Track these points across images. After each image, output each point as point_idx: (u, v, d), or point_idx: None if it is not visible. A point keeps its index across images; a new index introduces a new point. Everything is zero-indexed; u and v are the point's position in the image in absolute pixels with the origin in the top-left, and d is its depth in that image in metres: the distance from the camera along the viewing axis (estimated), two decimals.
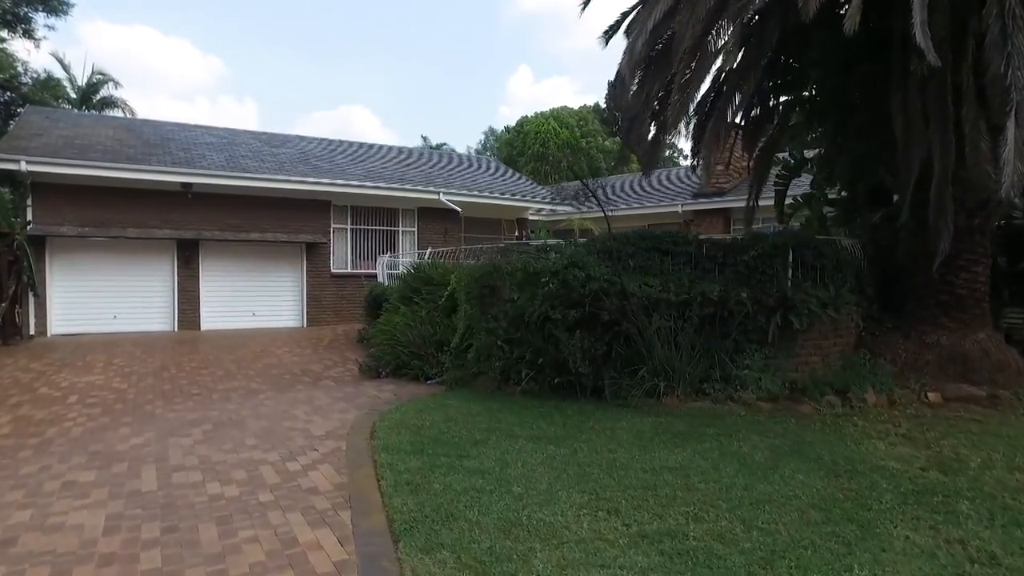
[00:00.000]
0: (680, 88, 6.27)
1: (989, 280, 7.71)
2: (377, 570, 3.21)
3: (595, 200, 7.08)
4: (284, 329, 14.30)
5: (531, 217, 20.02)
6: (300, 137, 18.47)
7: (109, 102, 24.02)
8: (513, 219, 19.30)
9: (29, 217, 12.17)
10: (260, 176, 13.77)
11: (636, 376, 6.59)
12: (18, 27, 16.90)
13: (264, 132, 18.10)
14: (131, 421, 6.26)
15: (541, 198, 18.53)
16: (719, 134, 6.68)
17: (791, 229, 9.12)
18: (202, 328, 13.78)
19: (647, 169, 9.54)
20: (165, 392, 7.68)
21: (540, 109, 35.19)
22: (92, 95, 23.86)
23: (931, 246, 6.54)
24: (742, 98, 6.67)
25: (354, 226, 15.78)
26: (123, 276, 13.27)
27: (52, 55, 23.21)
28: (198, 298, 13.82)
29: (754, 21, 6.83)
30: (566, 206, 19.66)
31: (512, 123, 40.07)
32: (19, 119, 14.55)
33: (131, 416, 6.49)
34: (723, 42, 6.08)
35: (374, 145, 19.65)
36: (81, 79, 24.16)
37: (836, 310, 7.15)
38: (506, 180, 19.47)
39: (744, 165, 20.10)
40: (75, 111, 19.79)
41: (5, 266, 11.48)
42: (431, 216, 16.58)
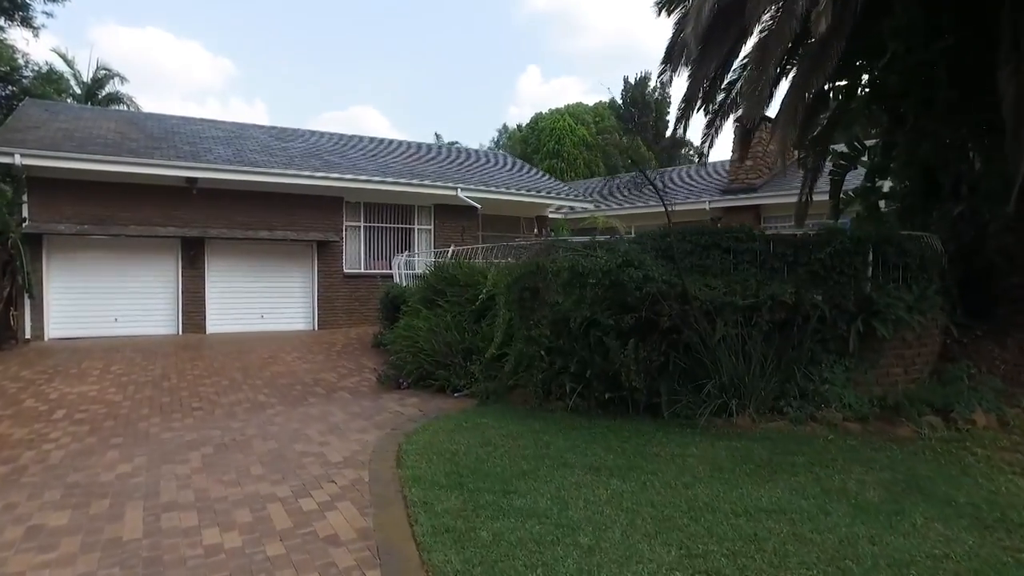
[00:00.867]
0: (757, 59, 5.40)
1: None
2: None
3: (653, 189, 6.16)
4: (294, 332, 13.53)
5: (550, 215, 19.19)
6: (311, 132, 17.70)
7: (115, 98, 23.39)
8: (532, 217, 18.47)
9: (25, 214, 11.44)
10: (269, 171, 13.01)
11: (700, 391, 5.72)
12: (15, 15, 16.18)
13: (273, 126, 17.36)
14: (121, 442, 5.46)
15: (562, 194, 17.70)
16: (796, 111, 5.82)
17: (864, 225, 8.19)
18: (207, 331, 13.02)
19: (703, 157, 8.67)
20: (163, 406, 6.90)
21: (550, 108, 34.35)
22: (97, 91, 23.24)
23: None
24: (821, 72, 5.80)
25: (368, 224, 14.99)
26: (124, 276, 12.53)
27: (55, 51, 22.49)
28: (203, 300, 13.06)
29: None
30: (586, 203, 18.88)
31: (520, 122, 39.36)
32: (16, 111, 13.85)
33: (122, 436, 5.69)
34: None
35: (387, 140, 18.86)
36: (86, 75, 23.59)
37: (922, 314, 6.26)
38: (525, 176, 18.64)
39: (773, 161, 19.29)
40: (77, 104, 19.14)
41: None
42: (448, 213, 15.76)
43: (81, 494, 4.22)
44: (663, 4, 7.20)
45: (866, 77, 8.60)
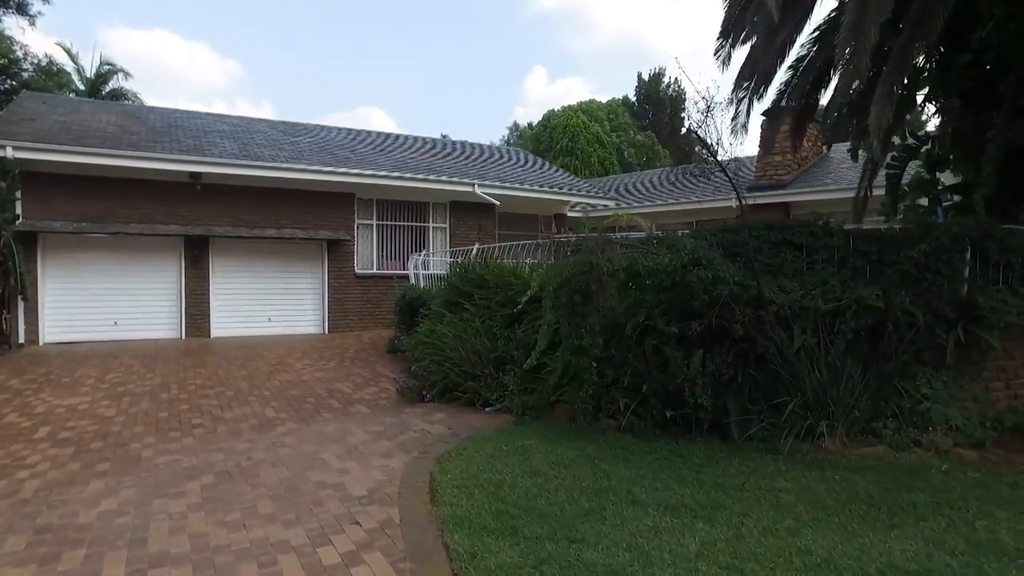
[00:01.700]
0: (856, 18, 4.59)
1: None
2: None
3: (726, 176, 5.38)
4: (303, 336, 12.78)
5: (569, 214, 18.39)
6: (320, 126, 16.98)
7: (118, 94, 22.74)
8: (550, 215, 17.67)
9: (18, 211, 10.73)
10: (277, 165, 12.27)
11: (777, 410, 4.93)
12: (10, 2, 15.46)
13: (280, 121, 16.65)
14: (108, 469, 4.71)
15: (583, 191, 16.93)
16: (892, 90, 5.02)
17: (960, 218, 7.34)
18: (212, 335, 12.29)
19: (797, 145, 7.90)
20: (160, 422, 6.15)
21: (562, 105, 33.49)
22: (101, 87, 22.61)
23: None
24: (926, 37, 5.01)
25: (380, 222, 14.23)
26: (124, 277, 11.82)
27: (59, 44, 21.93)
28: (208, 302, 12.33)
29: None
30: (608, 200, 18.08)
31: (530, 121, 38.52)
32: (12, 103, 13.18)
33: (110, 460, 4.94)
34: None
35: (400, 135, 18.10)
36: (90, 71, 22.98)
37: None
38: (543, 173, 17.87)
39: (803, 156, 18.45)
40: (76, 97, 18.48)
41: None
42: (464, 211, 14.99)
43: (52, 541, 3.46)
44: None
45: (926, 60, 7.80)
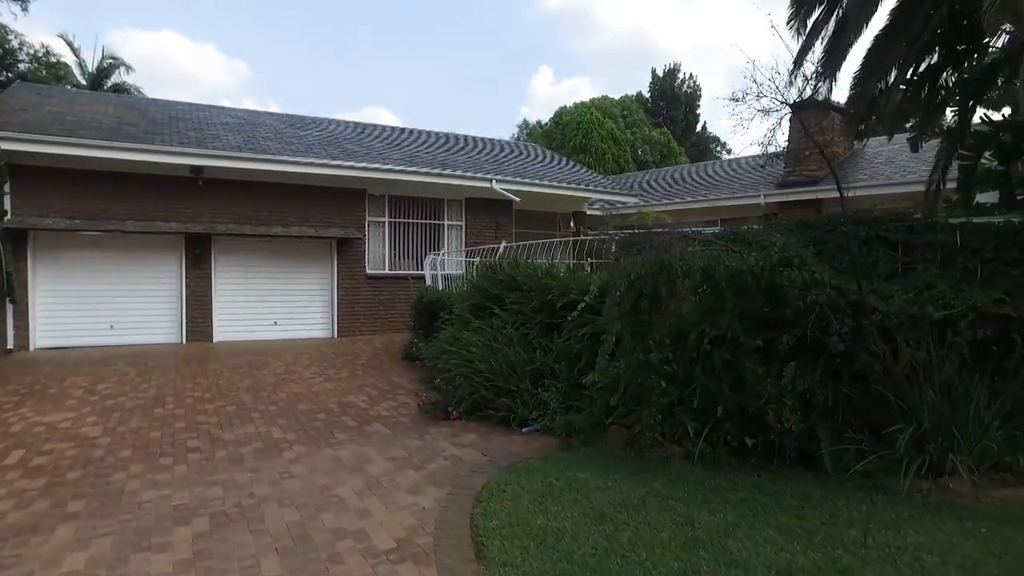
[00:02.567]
0: None
1: None
2: None
3: (829, 169, 4.55)
4: (311, 341, 12.02)
5: (588, 212, 17.58)
6: (328, 120, 16.21)
7: (120, 89, 22.01)
8: (569, 212, 16.89)
9: (6, 207, 10.00)
10: (283, 159, 11.51)
11: (883, 438, 4.10)
12: None
13: (288, 114, 15.87)
14: (82, 509, 3.92)
15: (605, 187, 16.14)
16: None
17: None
18: (214, 339, 11.54)
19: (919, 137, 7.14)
20: (151, 445, 5.37)
21: (574, 102, 32.61)
22: (103, 82, 21.93)
23: None
24: None
25: (392, 219, 13.44)
26: (121, 278, 11.07)
27: (61, 36, 21.18)
28: (210, 304, 11.58)
29: None
30: (630, 196, 17.26)
31: (539, 119, 37.71)
32: (3, 94, 12.43)
33: (87, 496, 4.16)
34: None
35: (412, 130, 17.31)
36: (92, 65, 22.31)
37: None
38: (562, 168, 17.06)
39: (834, 151, 17.57)
40: (73, 88, 17.79)
41: None
42: (480, 208, 14.20)
43: None
44: None
45: None
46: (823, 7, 5.65)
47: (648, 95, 36.26)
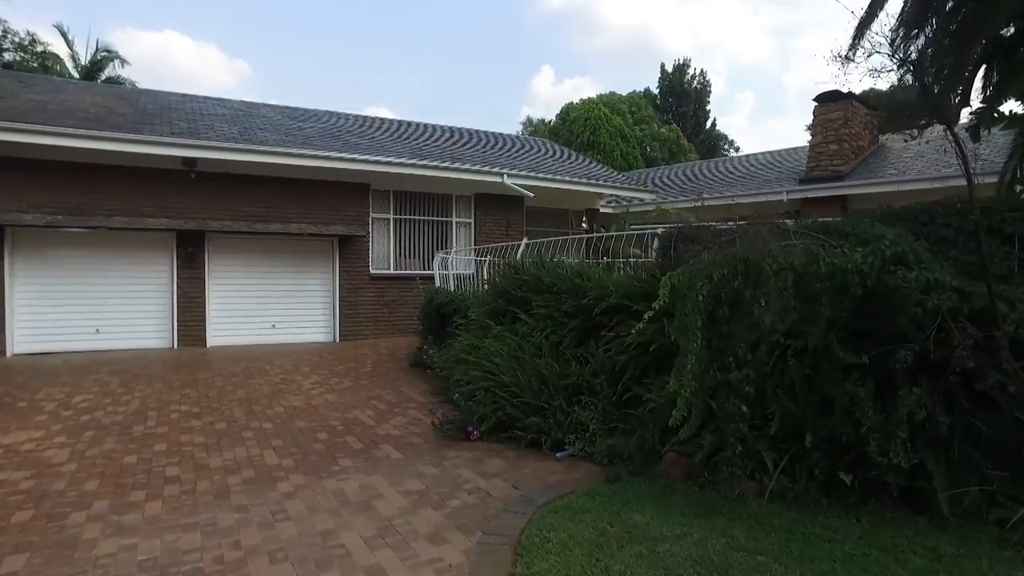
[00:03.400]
0: None
1: None
2: None
3: (957, 150, 3.72)
4: (312, 345, 11.25)
5: (602, 209, 16.81)
6: (330, 112, 15.41)
7: (115, 83, 21.26)
8: (582, 210, 16.11)
9: None
10: (282, 151, 10.73)
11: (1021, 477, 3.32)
12: None
13: (287, 106, 15.08)
14: (20, 568, 3.14)
15: (621, 183, 15.37)
16: None
17: None
18: (208, 344, 10.77)
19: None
20: (123, 473, 4.59)
21: (575, 102, 31.66)
22: (96, 75, 21.15)
23: None
24: None
25: (398, 216, 12.66)
26: (108, 278, 10.31)
27: (56, 27, 20.40)
28: (203, 306, 10.80)
29: None
30: (648, 193, 16.48)
31: (543, 117, 36.86)
32: None
33: (29, 551, 3.37)
34: None
35: (418, 123, 16.51)
36: (85, 57, 21.56)
37: None
38: (575, 164, 16.27)
39: (859, 145, 16.79)
40: (58, 78, 17.00)
41: None
42: (490, 204, 13.42)
43: None
44: None
45: None
46: None
47: (657, 91, 35.44)
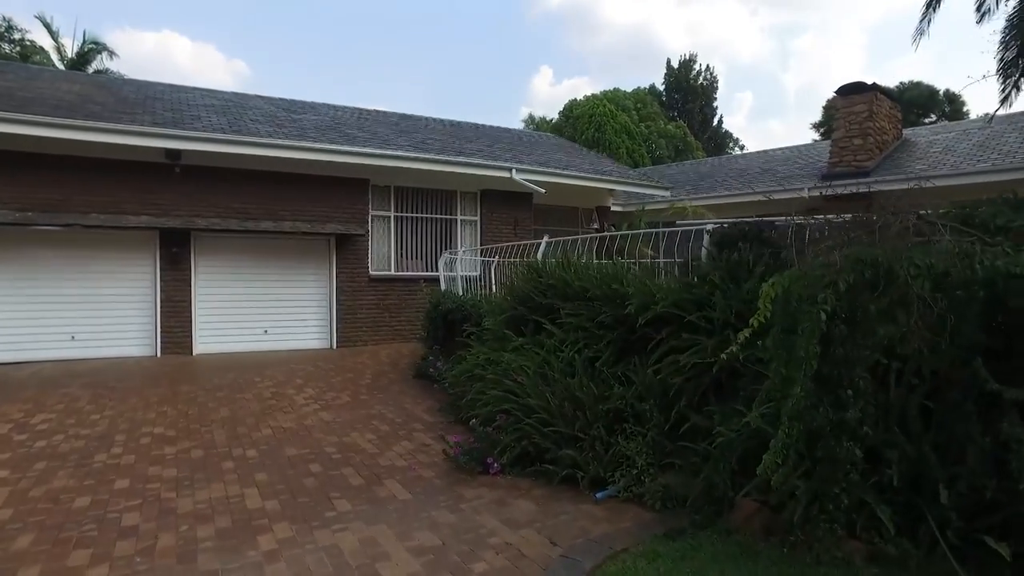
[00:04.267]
0: None
1: None
2: None
3: None
4: (306, 353, 10.42)
5: (612, 207, 16.02)
6: (328, 105, 14.56)
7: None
8: (592, 207, 15.31)
9: None
10: (275, 143, 9.91)
11: None
12: None
13: (281, 98, 14.22)
14: None
15: (635, 179, 14.59)
16: None
17: None
18: (195, 352, 9.95)
19: None
20: (68, 521, 3.76)
21: (578, 99, 30.88)
22: (83, 68, 20.27)
23: None
24: None
25: (399, 214, 11.85)
26: (84, 280, 9.47)
27: (38, 18, 19.55)
28: (190, 311, 9.97)
29: None
30: (662, 190, 15.68)
31: (540, 116, 36.04)
32: None
33: None
34: None
35: (420, 116, 15.69)
36: (72, 50, 20.70)
37: None
38: (585, 159, 15.47)
39: (884, 139, 16.03)
40: (35, 66, 16.14)
41: None
42: (497, 201, 12.61)
43: None
44: None
45: None
46: None
47: (662, 87, 34.63)
